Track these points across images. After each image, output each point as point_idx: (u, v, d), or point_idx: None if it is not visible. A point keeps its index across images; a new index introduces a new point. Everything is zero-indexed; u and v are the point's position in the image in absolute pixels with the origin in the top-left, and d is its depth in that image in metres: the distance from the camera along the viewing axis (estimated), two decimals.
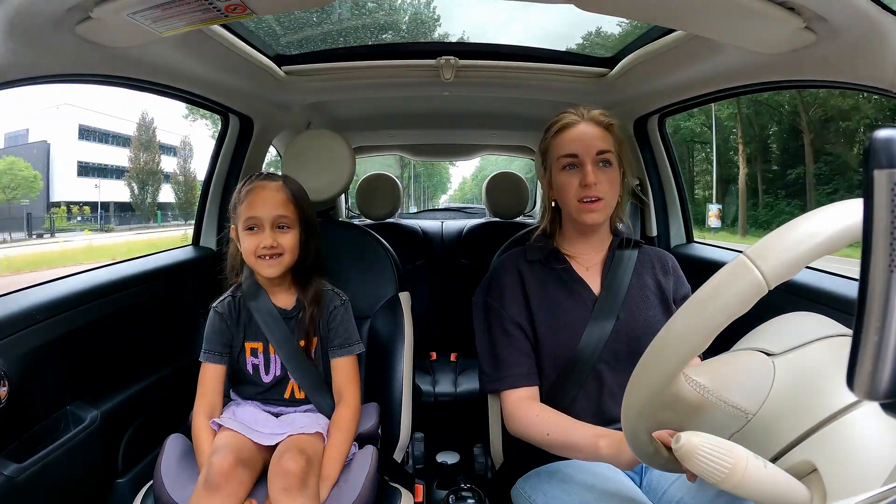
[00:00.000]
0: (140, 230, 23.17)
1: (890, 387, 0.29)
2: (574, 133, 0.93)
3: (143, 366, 1.22)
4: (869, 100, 13.76)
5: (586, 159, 0.91)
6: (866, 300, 0.29)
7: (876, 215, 0.28)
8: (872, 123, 13.32)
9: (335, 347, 1.04)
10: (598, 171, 0.91)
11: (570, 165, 0.93)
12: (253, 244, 0.98)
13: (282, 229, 1.00)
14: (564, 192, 0.93)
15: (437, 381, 1.90)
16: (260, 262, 0.99)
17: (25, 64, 0.77)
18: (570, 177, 0.92)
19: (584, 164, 0.90)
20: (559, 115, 0.96)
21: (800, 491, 0.48)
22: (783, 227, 0.44)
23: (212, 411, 0.98)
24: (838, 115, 15.02)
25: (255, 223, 0.99)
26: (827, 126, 15.49)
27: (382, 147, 2.78)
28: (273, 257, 0.99)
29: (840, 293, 0.99)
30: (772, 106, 16.80)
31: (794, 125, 16.43)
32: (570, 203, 0.93)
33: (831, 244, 0.41)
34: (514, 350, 0.94)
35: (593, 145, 0.91)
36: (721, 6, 0.76)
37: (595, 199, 0.90)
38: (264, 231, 0.98)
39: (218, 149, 1.57)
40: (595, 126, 0.93)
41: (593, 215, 0.91)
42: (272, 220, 0.99)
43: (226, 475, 0.83)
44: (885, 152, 0.28)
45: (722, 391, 0.53)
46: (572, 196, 0.92)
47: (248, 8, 0.79)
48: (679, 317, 0.47)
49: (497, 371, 0.94)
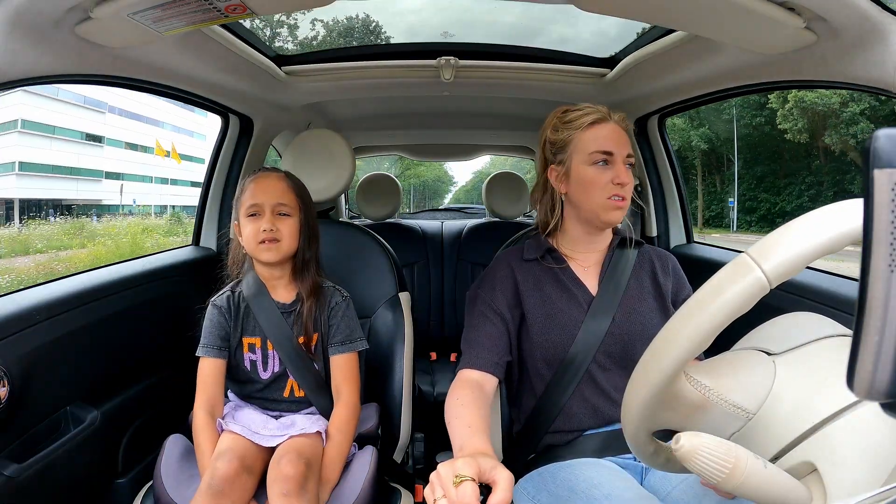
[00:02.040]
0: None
1: (890, 387, 0.29)
2: (607, 130, 0.92)
3: (143, 366, 1.22)
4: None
5: (619, 158, 0.91)
6: (866, 300, 0.29)
7: (876, 215, 0.28)
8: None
9: (336, 344, 1.04)
10: (627, 172, 0.91)
11: (602, 161, 0.91)
12: (254, 230, 1.00)
13: (282, 216, 1.02)
14: (591, 187, 0.91)
15: (437, 381, 1.90)
16: (259, 248, 1.01)
17: (25, 64, 0.76)
18: (601, 173, 0.90)
19: (617, 162, 0.91)
20: (580, 108, 0.94)
21: (800, 491, 0.48)
22: (785, 225, 0.44)
23: (212, 406, 0.97)
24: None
25: (257, 209, 1.01)
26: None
27: (382, 147, 2.78)
28: (272, 242, 1.00)
29: (840, 293, 0.99)
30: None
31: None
32: (594, 199, 0.91)
33: (833, 243, 0.41)
34: (487, 335, 0.92)
35: (625, 146, 0.91)
36: (721, 6, 0.76)
37: (623, 199, 0.91)
38: (264, 216, 1.01)
39: (218, 149, 1.57)
40: (621, 129, 0.93)
41: (618, 213, 0.92)
42: (272, 207, 1.01)
43: (230, 482, 0.83)
44: (885, 152, 0.28)
45: (723, 390, 0.53)
46: (599, 192, 0.90)
47: (248, 8, 0.79)
48: (681, 315, 0.47)
49: (464, 352, 0.92)
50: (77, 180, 23.88)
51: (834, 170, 18.87)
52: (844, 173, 18.43)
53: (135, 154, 26.01)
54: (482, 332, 0.93)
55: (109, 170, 24.94)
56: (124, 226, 16.78)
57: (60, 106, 22.58)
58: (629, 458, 0.89)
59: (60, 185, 23.22)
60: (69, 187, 23.67)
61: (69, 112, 23.05)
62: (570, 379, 0.90)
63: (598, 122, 0.92)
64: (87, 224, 18.02)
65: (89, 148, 24.25)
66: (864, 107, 16.87)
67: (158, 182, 27.14)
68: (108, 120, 24.91)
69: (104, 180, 25.00)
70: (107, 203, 25.21)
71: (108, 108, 24.70)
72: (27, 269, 10.70)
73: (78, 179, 23.89)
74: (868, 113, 16.93)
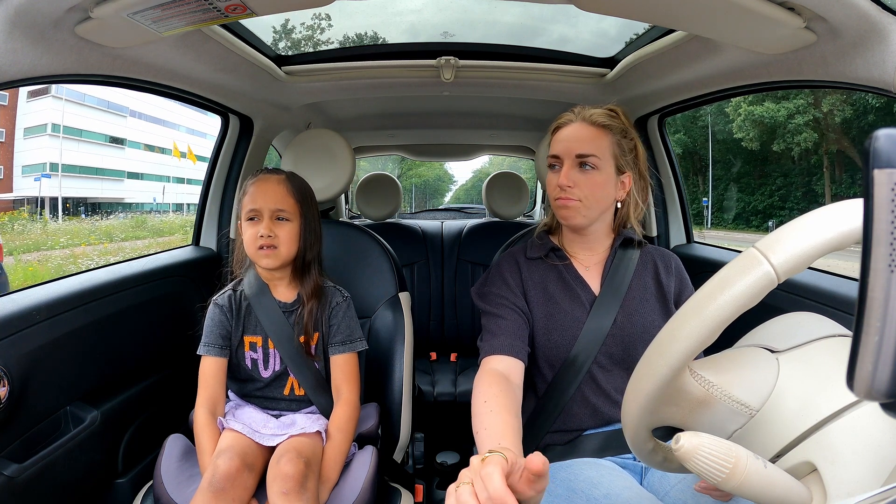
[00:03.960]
0: None
1: (890, 387, 0.29)
2: (563, 134, 0.94)
3: (143, 366, 1.22)
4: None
5: (566, 160, 0.92)
6: (866, 300, 0.29)
7: (876, 215, 0.28)
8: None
9: (336, 344, 1.04)
10: (576, 174, 0.91)
11: (552, 165, 0.95)
12: (252, 235, 1.00)
13: (280, 221, 1.02)
14: (548, 191, 0.97)
15: (437, 381, 1.90)
16: (258, 253, 1.01)
17: (25, 64, 0.76)
18: (553, 177, 0.95)
19: (564, 165, 0.92)
20: (560, 115, 0.97)
21: (800, 491, 0.48)
22: (793, 221, 0.43)
23: (213, 405, 0.97)
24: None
25: (255, 214, 1.01)
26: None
27: (382, 147, 2.79)
28: (270, 248, 1.00)
29: (840, 293, 0.99)
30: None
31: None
32: (551, 202, 0.96)
33: (841, 239, 0.41)
34: (504, 324, 0.91)
35: (574, 147, 0.91)
36: (721, 6, 0.76)
37: (569, 199, 0.91)
38: (263, 222, 1.00)
39: (218, 149, 1.57)
40: (589, 126, 0.92)
41: (567, 213, 0.92)
42: (271, 212, 1.01)
43: (231, 479, 0.83)
44: (885, 152, 0.28)
45: (727, 386, 0.53)
46: (552, 195, 0.95)
47: (248, 8, 0.79)
48: (688, 308, 0.46)
49: (485, 341, 0.90)
50: (102, 180, 25.65)
51: (804, 171, 21.19)
52: (811, 175, 21.01)
53: (153, 155, 27.76)
54: (501, 322, 0.91)
55: (131, 170, 26.79)
56: (171, 221, 18.76)
57: (86, 110, 24.40)
58: (628, 458, 0.89)
59: (87, 185, 24.97)
60: (95, 186, 25.43)
61: (94, 116, 24.78)
62: (572, 379, 0.90)
63: (560, 126, 0.96)
64: (149, 219, 19.80)
65: (112, 150, 26.01)
66: (808, 119, 19.82)
67: (175, 181, 28.83)
68: (129, 123, 26.71)
69: (126, 180, 26.78)
70: (128, 201, 26.76)
71: (129, 112, 26.42)
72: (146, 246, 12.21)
73: (102, 179, 25.66)
74: (811, 124, 19.86)
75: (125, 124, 26.59)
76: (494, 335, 0.90)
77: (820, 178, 20.62)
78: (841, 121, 19.12)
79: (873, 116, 18.29)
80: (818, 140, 19.80)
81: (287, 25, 1.50)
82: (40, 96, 22.59)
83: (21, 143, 22.61)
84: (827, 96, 19.01)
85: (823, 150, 20.17)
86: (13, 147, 22.35)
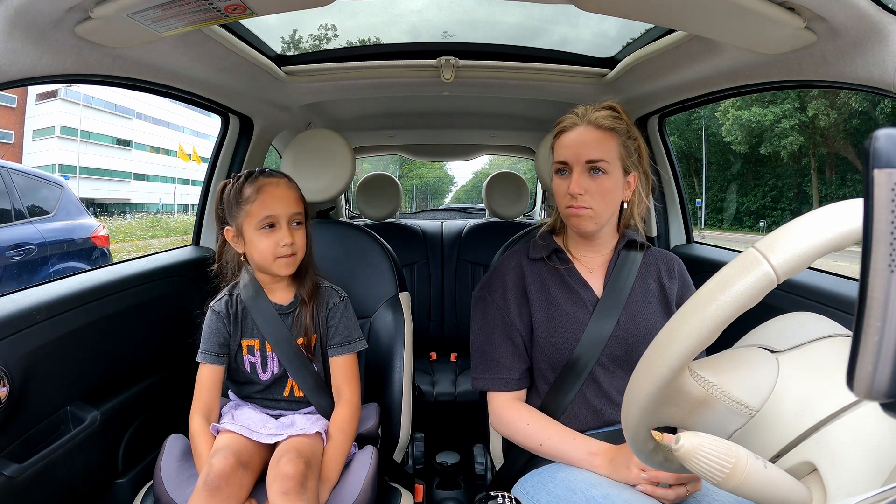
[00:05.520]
0: None
1: (890, 387, 0.29)
2: (568, 138, 0.92)
3: (143, 366, 1.22)
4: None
5: (575, 167, 0.90)
6: (866, 300, 0.29)
7: (876, 215, 0.28)
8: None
9: (334, 345, 1.04)
10: (587, 180, 0.89)
11: (560, 171, 0.93)
12: (271, 243, 0.97)
13: (297, 226, 1.00)
14: (556, 196, 0.95)
15: (437, 381, 1.90)
16: (278, 263, 0.98)
17: (25, 64, 0.76)
18: (561, 183, 0.93)
19: (574, 171, 0.90)
20: (563, 116, 0.95)
21: (800, 491, 0.48)
22: (793, 221, 0.43)
23: (208, 413, 0.97)
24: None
25: (273, 221, 0.97)
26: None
27: (382, 147, 2.79)
28: (290, 256, 0.98)
29: (840, 293, 0.99)
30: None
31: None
32: (560, 209, 0.95)
33: (841, 240, 0.41)
34: (508, 353, 0.94)
35: (584, 153, 0.89)
36: (721, 6, 0.76)
37: (581, 207, 0.90)
38: (282, 229, 0.97)
39: (218, 149, 1.57)
40: (594, 130, 0.90)
41: (579, 221, 0.91)
42: (289, 218, 0.98)
43: (226, 477, 0.83)
44: (885, 152, 0.28)
45: (726, 386, 0.53)
46: (561, 202, 0.93)
47: (247, 8, 0.79)
48: (688, 308, 0.46)
49: (489, 370, 0.95)
50: (109, 181, 26.13)
51: (795, 173, 21.99)
52: (803, 176, 21.90)
53: (158, 157, 28.26)
54: (501, 349, 0.95)
55: (137, 171, 27.33)
56: (184, 220, 19.12)
57: (94, 113, 24.92)
58: None
59: (94, 186, 25.40)
60: (102, 187, 25.88)
61: (101, 118, 25.29)
62: (574, 381, 0.90)
63: (565, 130, 0.93)
64: (164, 220, 20.18)
65: (119, 151, 26.54)
66: (794, 122, 20.64)
67: (180, 182, 29.24)
68: (135, 125, 27.21)
69: (132, 181, 27.30)
70: (134, 202, 27.21)
71: (135, 115, 26.92)
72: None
73: (109, 180, 26.16)
74: (797, 128, 20.70)
75: (132, 126, 26.96)
76: (495, 368, 0.95)
77: (811, 179, 21.23)
78: (826, 125, 19.71)
79: (857, 120, 18.93)
80: (804, 143, 20.56)
81: (295, 36, 1.50)
82: (49, 99, 22.85)
83: (30, 144, 22.94)
84: (812, 101, 19.57)
85: (811, 153, 20.67)
86: (22, 149, 22.64)
